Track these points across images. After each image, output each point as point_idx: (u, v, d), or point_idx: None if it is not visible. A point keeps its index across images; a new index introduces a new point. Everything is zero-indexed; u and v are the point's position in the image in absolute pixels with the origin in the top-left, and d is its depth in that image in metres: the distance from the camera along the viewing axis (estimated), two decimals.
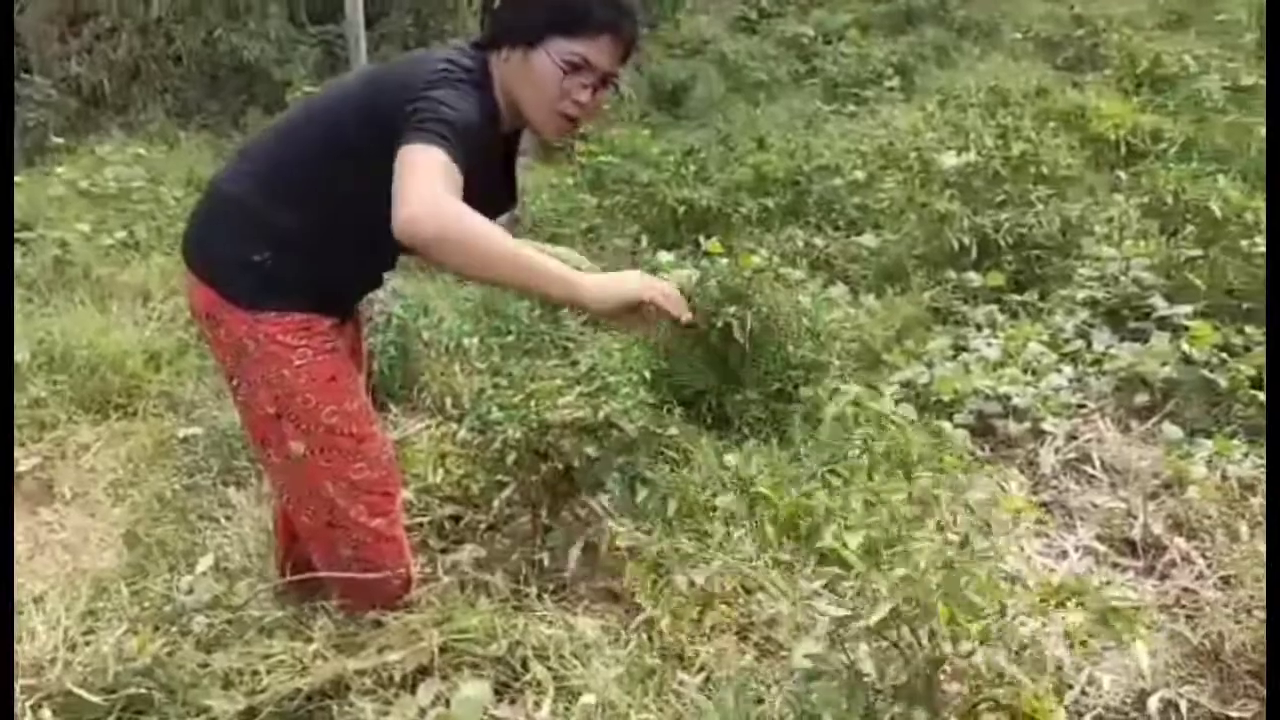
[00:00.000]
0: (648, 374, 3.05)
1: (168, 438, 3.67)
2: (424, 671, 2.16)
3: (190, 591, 2.51)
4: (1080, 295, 4.05)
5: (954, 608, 1.66)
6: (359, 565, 2.22)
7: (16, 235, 5.23)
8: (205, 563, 2.65)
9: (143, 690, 2.11)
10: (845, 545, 2.45)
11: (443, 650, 2.20)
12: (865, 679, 1.88)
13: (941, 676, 1.90)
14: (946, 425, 3.28)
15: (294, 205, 2.04)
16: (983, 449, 3.31)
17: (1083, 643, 2.32)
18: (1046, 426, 3.32)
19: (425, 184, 1.74)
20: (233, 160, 2.21)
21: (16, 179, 6.42)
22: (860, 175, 5.50)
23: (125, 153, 6.70)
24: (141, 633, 2.38)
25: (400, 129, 1.81)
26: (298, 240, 2.05)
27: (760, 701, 2.13)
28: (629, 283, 1.91)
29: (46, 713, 2.12)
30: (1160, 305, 3.85)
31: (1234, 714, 2.28)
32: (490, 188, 2.02)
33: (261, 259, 2.04)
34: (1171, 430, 3.32)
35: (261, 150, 2.15)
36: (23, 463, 3.45)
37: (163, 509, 3.21)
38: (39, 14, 9.57)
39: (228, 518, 3.09)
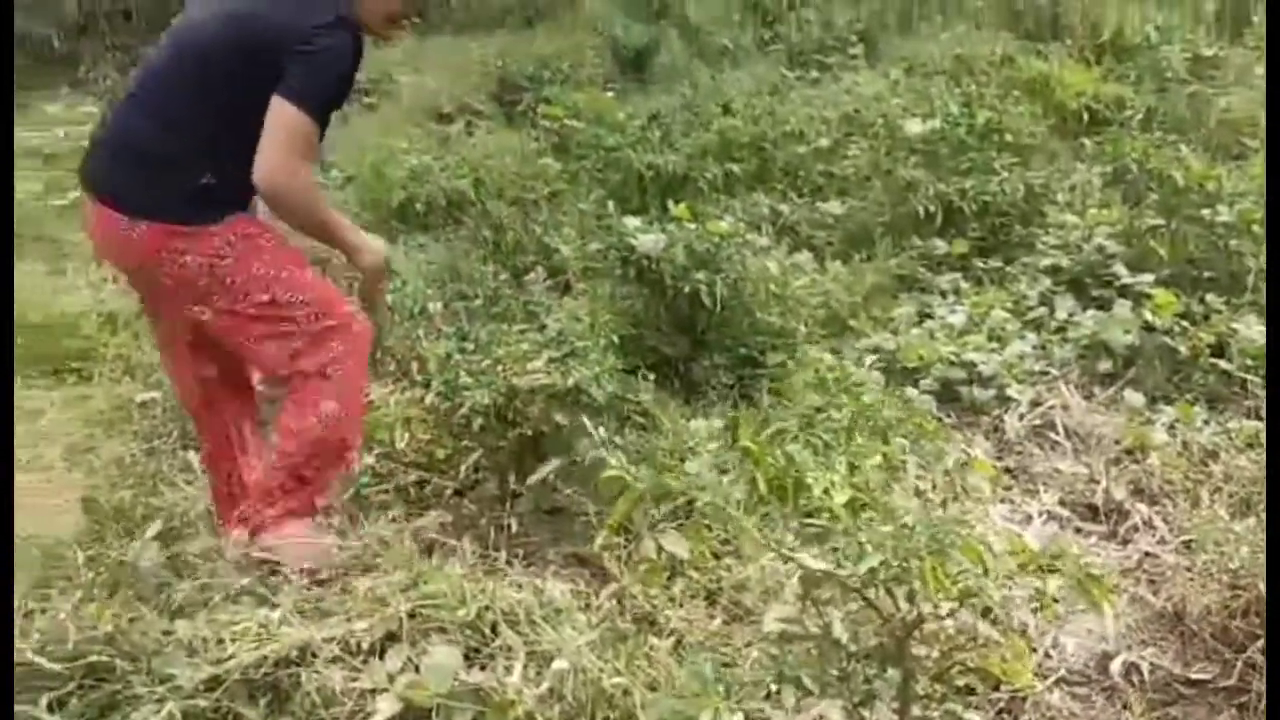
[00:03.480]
0: (616, 339, 3.02)
1: (125, 402, 3.60)
2: (392, 638, 2.13)
3: (141, 556, 2.47)
4: (1044, 263, 4.08)
5: (939, 568, 1.66)
6: (335, 446, 2.41)
7: None
8: (154, 528, 2.61)
9: (104, 658, 2.07)
10: (833, 501, 2.45)
11: (411, 616, 2.17)
12: (838, 642, 1.89)
13: (914, 639, 1.91)
14: (913, 391, 3.29)
15: (206, 135, 2.31)
16: (948, 415, 3.33)
17: (1046, 606, 2.35)
18: (1011, 393, 3.36)
19: (285, 149, 2.23)
20: (131, 109, 2.41)
21: None
22: (825, 142, 5.47)
23: (76, 111, 6.54)
24: (99, 599, 2.33)
25: (282, 74, 2.22)
26: (220, 160, 2.30)
27: (732, 665, 2.13)
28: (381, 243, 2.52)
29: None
30: (1123, 273, 3.88)
31: (1195, 676, 2.32)
32: None
33: (207, 181, 2.30)
34: (1134, 397, 3.36)
35: (160, 96, 2.37)
36: None
37: (121, 474, 3.15)
38: None
39: (188, 482, 3.04)
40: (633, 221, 3.57)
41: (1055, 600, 2.24)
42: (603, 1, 9.75)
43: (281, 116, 2.22)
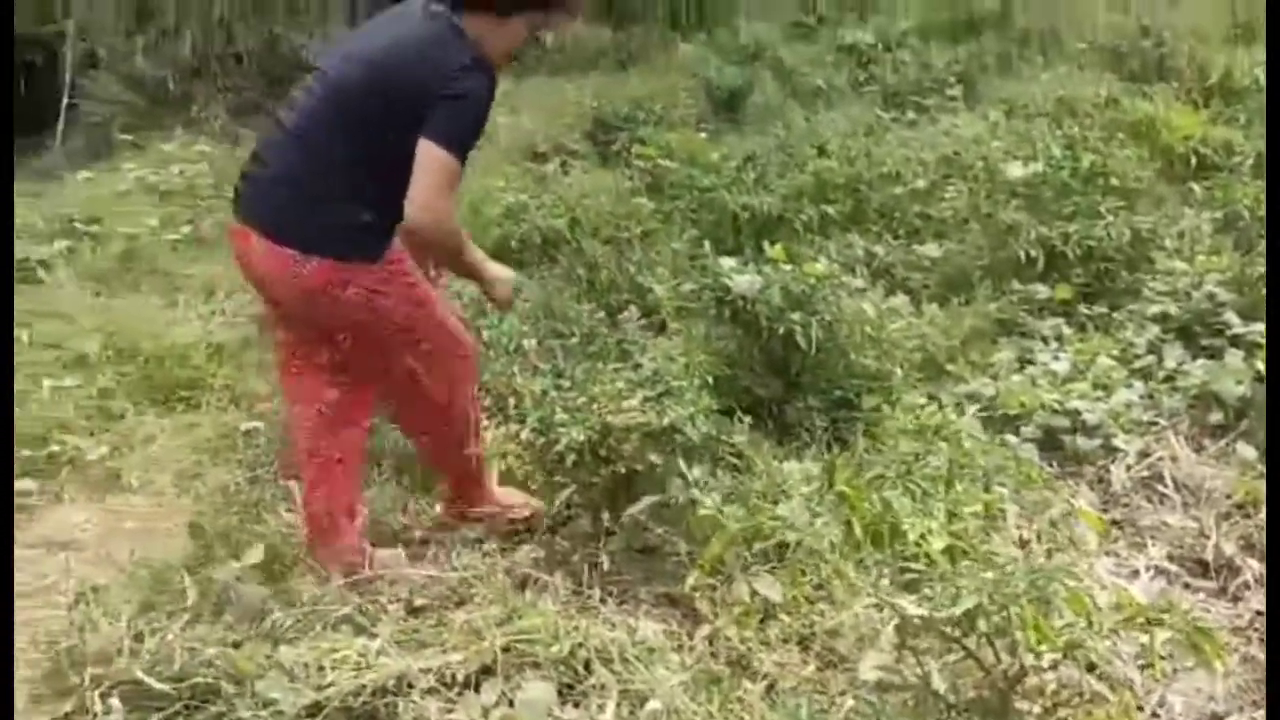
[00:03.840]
0: (710, 380, 3.02)
1: (231, 430, 3.70)
2: (487, 671, 2.16)
3: (240, 580, 2.54)
4: (1151, 310, 3.96)
5: (1040, 617, 1.61)
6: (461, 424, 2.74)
7: (87, 228, 5.33)
8: (255, 554, 2.68)
9: (209, 680, 2.12)
10: (930, 547, 2.41)
11: (505, 650, 2.19)
12: (938, 693, 1.85)
13: (1016, 692, 1.86)
14: (1014, 439, 3.22)
15: (357, 175, 2.48)
16: (1051, 464, 3.25)
17: (1152, 664, 2.27)
18: (1117, 443, 3.26)
19: (434, 191, 2.41)
20: (288, 147, 2.55)
21: (87, 174, 6.55)
22: (922, 184, 5.41)
23: (190, 150, 6.80)
24: (205, 623, 2.40)
25: (432, 116, 2.39)
26: (371, 198, 2.47)
27: (826, 712, 2.10)
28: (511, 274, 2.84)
29: (115, 701, 2.15)
30: (1234, 322, 3.76)
31: None
32: None
33: (367, 219, 2.48)
34: (1246, 450, 3.25)
35: (314, 136, 2.51)
36: (91, 452, 3.50)
37: (226, 501, 3.24)
38: (106, 11, 9.75)
39: (289, 510, 3.11)
40: (728, 262, 3.58)
41: (1163, 656, 2.16)
42: (696, 45, 9.84)
43: (430, 159, 2.39)
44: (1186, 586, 2.80)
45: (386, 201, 2.42)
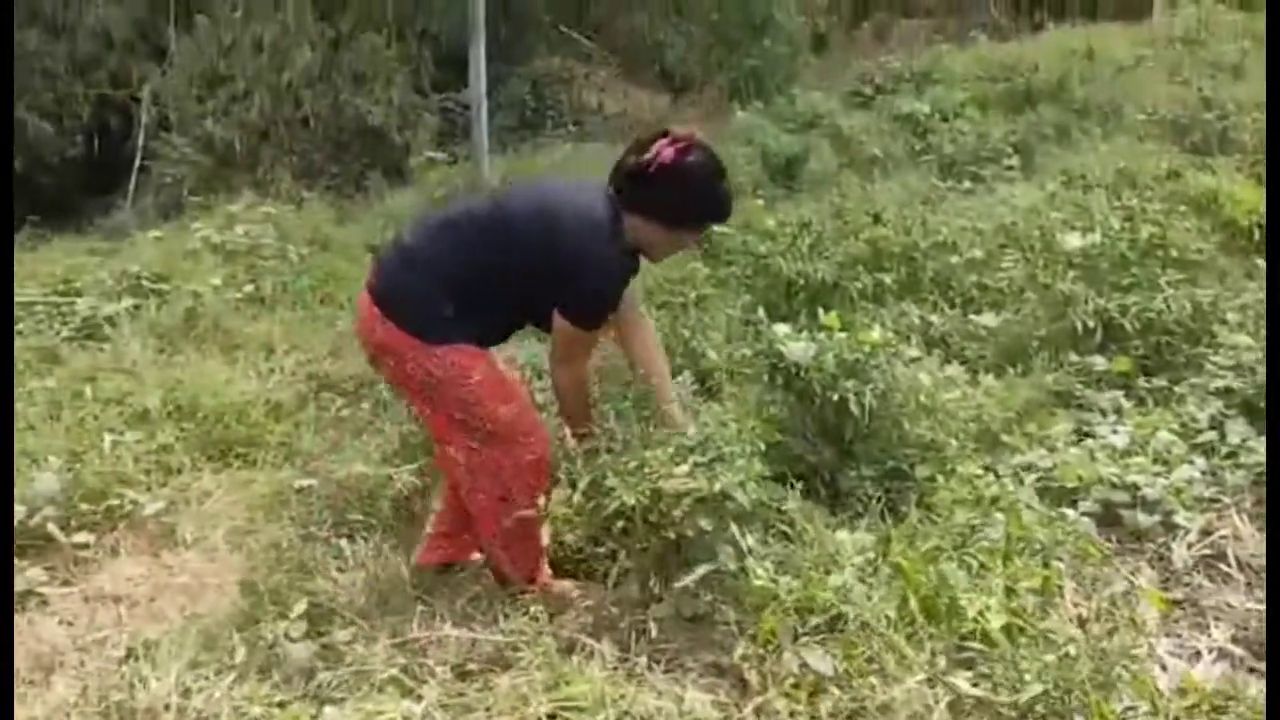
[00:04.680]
0: (763, 446, 3.00)
1: (285, 487, 3.74)
2: None
3: (288, 637, 2.55)
4: (1214, 384, 3.88)
5: (1102, 701, 1.56)
6: (518, 533, 2.85)
7: (153, 286, 5.45)
8: (299, 608, 2.70)
9: None
10: (989, 624, 2.35)
11: (551, 717, 2.17)
12: None
13: None
14: (1071, 513, 3.15)
15: (468, 288, 2.76)
16: (1109, 540, 3.17)
17: None
18: (1178, 520, 3.18)
19: (565, 358, 2.85)
20: (422, 234, 2.87)
21: (156, 234, 6.72)
22: (978, 253, 5.38)
23: (256, 211, 6.95)
24: (250, 681, 2.41)
25: (564, 291, 2.73)
26: (468, 308, 2.76)
27: None
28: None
29: None
30: None
31: None
32: None
33: (449, 315, 2.75)
34: None
35: (444, 241, 2.82)
36: (148, 506, 3.55)
37: (278, 559, 3.27)
38: (180, 75, 10.07)
39: (340, 570, 3.12)
40: (782, 328, 3.57)
41: None
42: (753, 113, 9.94)
43: (566, 330, 2.77)
44: (1251, 670, 2.70)
45: (474, 311, 2.75)
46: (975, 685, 1.93)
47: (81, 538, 3.39)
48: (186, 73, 10.01)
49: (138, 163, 10.10)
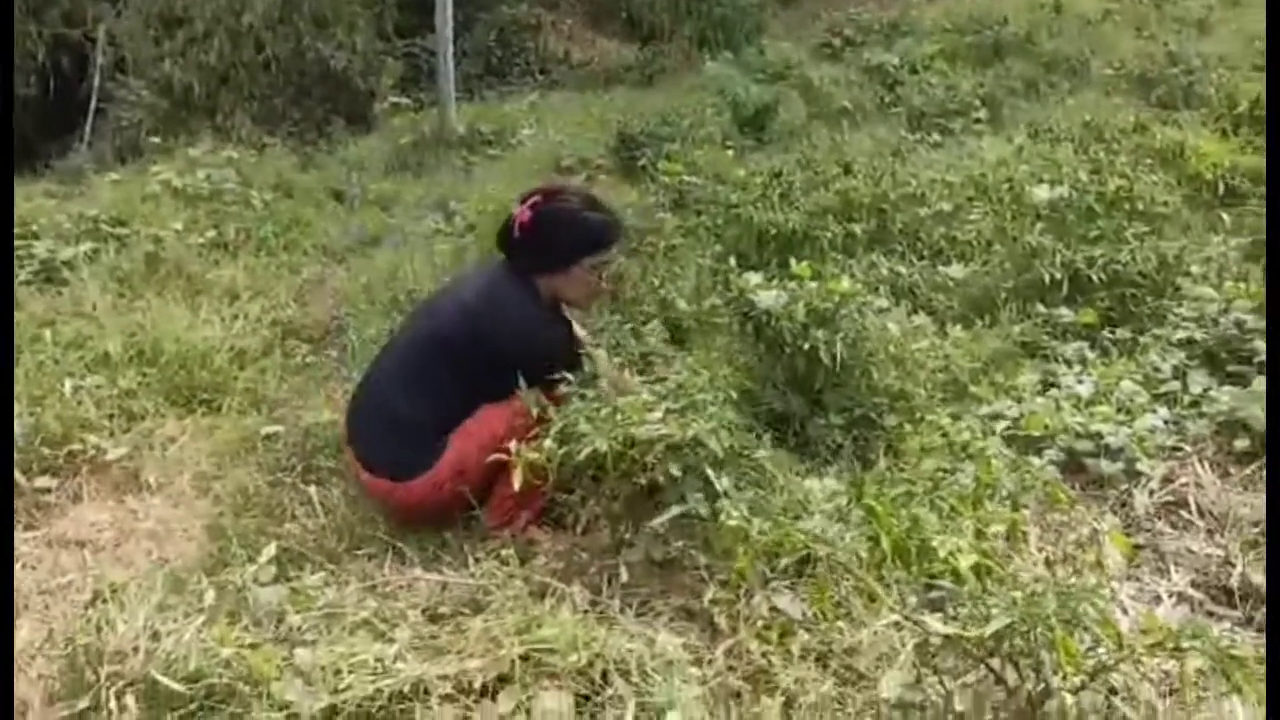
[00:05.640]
0: (733, 395, 3.01)
1: (251, 434, 3.70)
2: (504, 680, 2.14)
3: (257, 580, 2.53)
4: (1177, 335, 3.92)
5: (1069, 638, 1.59)
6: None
7: (112, 230, 5.35)
8: (269, 552, 2.68)
9: (225, 681, 2.12)
10: (958, 564, 2.38)
11: (523, 659, 2.17)
12: (961, 715, 1.82)
13: (1040, 715, 1.83)
14: (1037, 461, 3.19)
15: (447, 408, 2.95)
16: (1073, 487, 3.21)
17: (1181, 691, 2.24)
18: (1141, 467, 3.22)
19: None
20: (385, 379, 3.06)
21: (114, 177, 6.58)
22: (947, 205, 5.38)
23: (217, 155, 6.82)
24: (221, 624, 2.39)
25: (525, 368, 2.84)
26: (450, 427, 2.95)
27: None
28: None
29: (130, 700, 2.14)
30: (1262, 349, 3.71)
31: None
32: None
33: (429, 457, 2.93)
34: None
35: (408, 371, 3.01)
36: (111, 451, 3.50)
37: (245, 503, 3.24)
38: (136, 16, 9.83)
39: (309, 515, 3.11)
40: (753, 277, 3.57)
41: (1194, 683, 2.13)
42: (723, 63, 9.86)
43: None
44: (1210, 614, 2.75)
45: (455, 425, 2.93)
46: (944, 624, 1.96)
47: (43, 482, 3.34)
48: (143, 13, 9.77)
49: (93, 105, 9.87)
